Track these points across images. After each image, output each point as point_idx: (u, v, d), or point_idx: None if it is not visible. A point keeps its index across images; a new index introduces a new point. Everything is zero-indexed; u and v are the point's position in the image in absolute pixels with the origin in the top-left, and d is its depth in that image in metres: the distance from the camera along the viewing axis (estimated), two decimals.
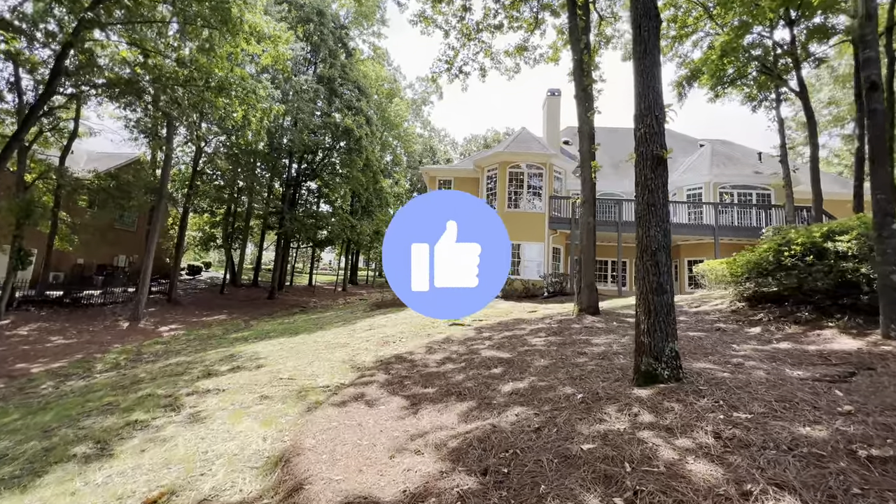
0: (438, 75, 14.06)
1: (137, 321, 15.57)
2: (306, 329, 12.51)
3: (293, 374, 6.57)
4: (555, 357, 5.54)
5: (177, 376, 7.91)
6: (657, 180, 4.06)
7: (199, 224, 29.17)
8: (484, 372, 5.25)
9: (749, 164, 19.38)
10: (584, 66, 9.36)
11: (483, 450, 2.93)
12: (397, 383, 5.19)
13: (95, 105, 16.27)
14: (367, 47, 33.46)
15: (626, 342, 6.00)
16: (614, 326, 7.45)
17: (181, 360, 9.68)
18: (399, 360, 6.74)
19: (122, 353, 11.07)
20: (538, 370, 4.93)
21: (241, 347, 10.43)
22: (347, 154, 24.37)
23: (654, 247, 3.91)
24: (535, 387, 4.23)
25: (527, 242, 16.70)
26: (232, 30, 10.57)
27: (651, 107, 4.20)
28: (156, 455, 3.67)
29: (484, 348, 6.93)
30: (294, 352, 8.60)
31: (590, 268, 8.82)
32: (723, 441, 2.56)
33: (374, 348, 8.05)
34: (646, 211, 4.03)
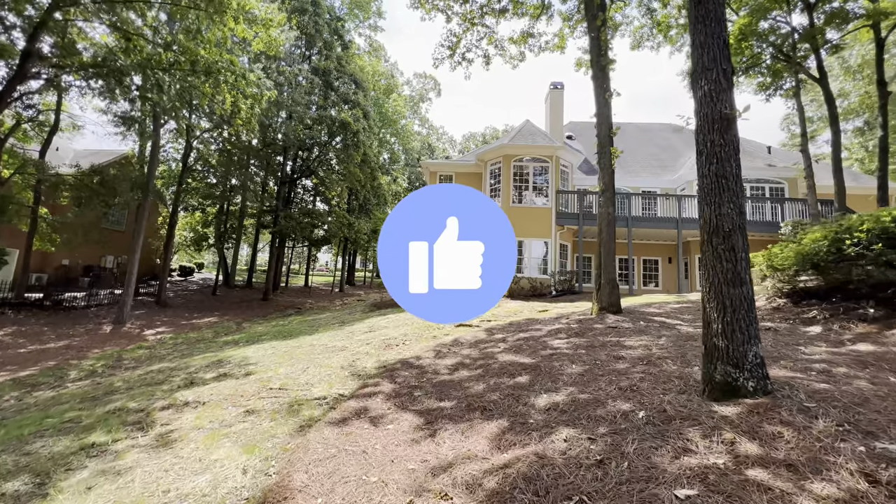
0: (441, 62, 13.31)
1: (122, 324, 14.68)
2: (301, 331, 11.71)
3: (285, 382, 5.79)
4: (587, 362, 4.79)
5: (155, 385, 7.09)
6: (727, 147, 3.32)
7: (190, 223, 28.25)
8: (507, 381, 4.49)
9: (760, 157, 18.76)
10: (601, 44, 8.64)
11: (534, 494, 2.17)
12: (406, 395, 4.43)
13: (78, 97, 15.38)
14: (364, 41, 32.73)
15: (664, 344, 5.26)
16: (643, 326, 6.72)
17: (163, 366, 8.86)
18: (405, 365, 5.98)
19: (100, 359, 10.22)
20: (573, 378, 4.17)
21: (230, 352, 9.62)
22: (344, 150, 23.53)
23: (728, 227, 3.17)
24: (577, 400, 3.48)
25: (533, 239, 15.96)
26: (218, 7, 9.75)
27: (716, 58, 3.46)
28: (102, 496, 2.88)
29: (500, 352, 6.18)
30: (287, 357, 7.81)
31: (611, 262, 8.08)
32: (884, 487, 1.81)
33: (375, 352, 7.28)
34: (714, 185, 3.28)
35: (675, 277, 18.34)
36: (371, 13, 30.96)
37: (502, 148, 16.57)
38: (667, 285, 18.63)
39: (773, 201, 15.86)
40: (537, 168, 16.66)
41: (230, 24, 10.35)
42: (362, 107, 24.13)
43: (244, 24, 11.26)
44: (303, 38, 22.25)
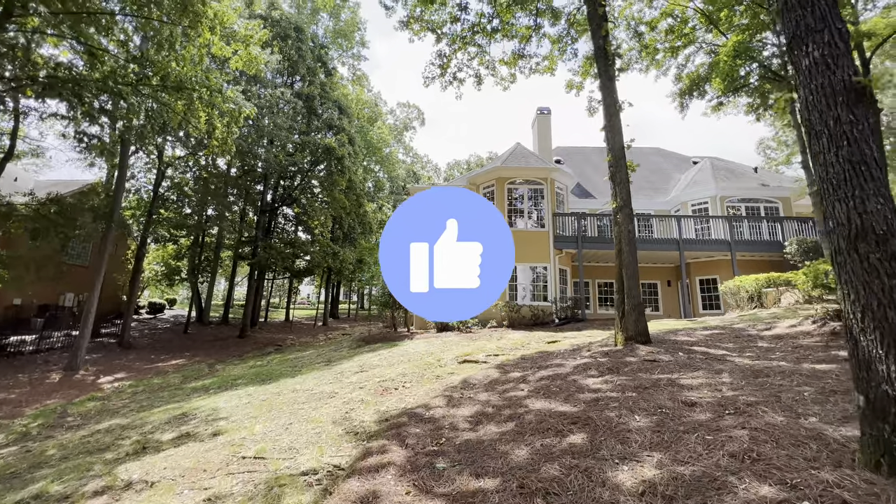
0: (431, 81, 12.77)
1: (74, 371, 12.91)
2: (282, 373, 10.35)
3: (262, 447, 4.58)
4: (649, 411, 3.80)
5: (97, 453, 5.70)
6: (860, 124, 2.53)
7: (162, 256, 26.50)
8: (556, 441, 3.45)
9: (751, 176, 18.74)
10: (607, 53, 8.14)
11: None
12: (426, 467, 3.32)
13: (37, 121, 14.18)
14: (347, 70, 32.59)
15: (732, 382, 4.34)
16: (686, 359, 5.79)
17: (114, 423, 7.40)
18: (414, 418, 4.85)
19: (39, 416, 8.61)
20: (647, 438, 3.17)
21: (197, 402, 8.22)
22: (328, 176, 22.61)
23: (882, 228, 2.33)
24: (680, 477, 2.47)
25: (530, 264, 15.15)
26: (193, 21, 8.92)
27: (825, 16, 2.74)
28: None
29: (526, 396, 5.13)
30: (265, 408, 6.54)
31: (635, 285, 7.23)
32: None
33: (372, 399, 6.11)
34: (848, 174, 2.47)
35: (677, 301, 17.71)
36: (355, 42, 31.00)
37: (496, 170, 15.99)
38: (667, 309, 17.95)
39: (773, 220, 15.58)
40: (531, 191, 16.09)
41: (206, 35, 9.48)
42: (347, 132, 23.48)
43: (222, 42, 10.48)
44: (285, 64, 21.73)
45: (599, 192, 21.35)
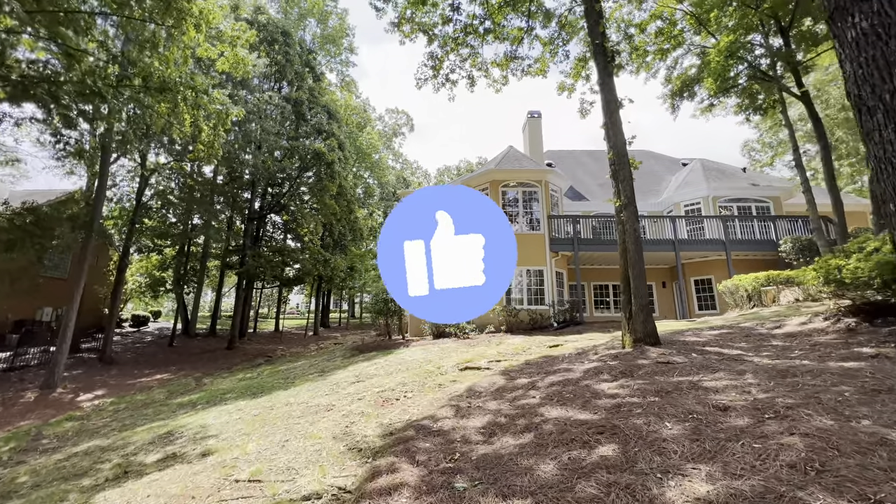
0: (424, 82, 12.54)
1: (52, 389, 12.21)
2: (274, 386, 9.90)
3: (258, 468, 4.20)
4: (679, 417, 3.53)
5: (75, 479, 5.23)
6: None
7: (146, 267, 25.65)
8: (584, 454, 3.15)
9: (741, 176, 18.89)
10: (605, 49, 8.01)
11: None
12: (444, 488, 2.99)
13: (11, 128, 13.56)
14: (336, 76, 32.29)
15: (762, 384, 4.10)
16: (702, 361, 5.57)
17: (93, 445, 6.88)
18: (421, 431, 4.51)
19: (11, 438, 8.01)
20: (687, 448, 2.89)
21: (183, 419, 7.73)
22: (318, 182, 22.19)
23: None
24: (739, 494, 2.19)
25: (526, 267, 14.93)
26: (177, 21, 8.55)
27: None
28: None
29: (538, 403, 4.83)
30: (258, 423, 6.13)
31: (642, 285, 7.02)
32: None
33: (373, 411, 5.75)
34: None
35: (672, 302, 17.65)
36: (343, 49, 30.79)
37: (489, 173, 15.80)
38: (663, 311, 17.88)
39: (766, 219, 15.64)
40: (526, 193, 15.92)
41: (191, 34, 9.08)
42: (336, 137, 23.13)
43: (207, 43, 10.11)
44: (273, 68, 21.36)
45: (592, 195, 21.34)
